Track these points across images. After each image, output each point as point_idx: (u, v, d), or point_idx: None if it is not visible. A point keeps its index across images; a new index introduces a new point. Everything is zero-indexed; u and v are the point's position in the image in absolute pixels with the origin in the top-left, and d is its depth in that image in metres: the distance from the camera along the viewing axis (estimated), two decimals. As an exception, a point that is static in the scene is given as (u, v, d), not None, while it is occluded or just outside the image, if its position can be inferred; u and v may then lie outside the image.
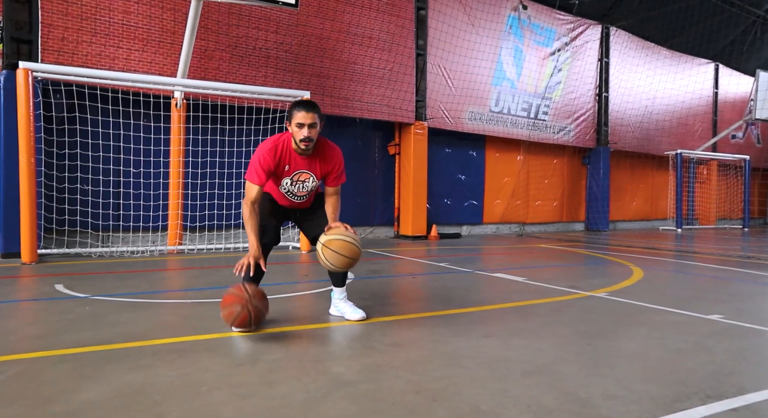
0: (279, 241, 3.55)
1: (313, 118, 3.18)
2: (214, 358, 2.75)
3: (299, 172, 3.33)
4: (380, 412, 2.09)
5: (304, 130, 3.17)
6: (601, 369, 2.67)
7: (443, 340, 3.17)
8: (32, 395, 2.20)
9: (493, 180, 13.26)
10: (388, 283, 5.39)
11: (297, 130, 3.20)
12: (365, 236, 11.11)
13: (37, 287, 4.89)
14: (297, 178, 3.36)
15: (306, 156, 3.32)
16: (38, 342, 3.01)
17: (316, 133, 3.22)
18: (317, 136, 3.26)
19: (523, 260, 7.68)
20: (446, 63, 11.41)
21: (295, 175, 3.34)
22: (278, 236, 3.49)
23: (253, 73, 8.66)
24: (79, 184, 7.39)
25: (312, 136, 3.19)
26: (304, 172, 3.34)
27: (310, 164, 3.33)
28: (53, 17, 7.16)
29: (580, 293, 4.88)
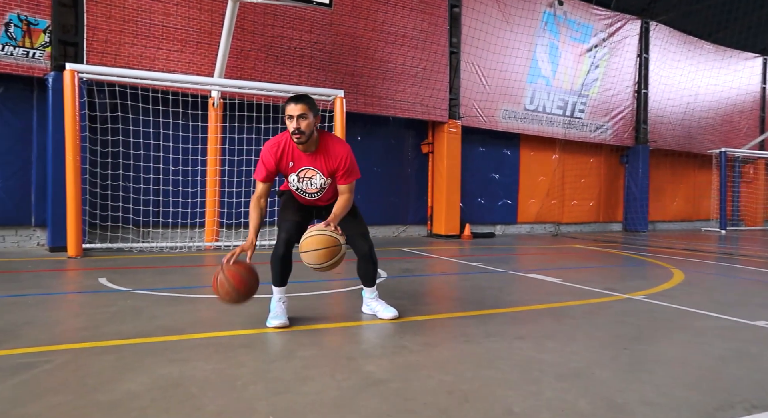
0: (298, 239, 3.52)
1: (302, 110, 3.12)
2: (250, 353, 2.81)
3: (304, 169, 3.31)
4: (412, 411, 2.10)
5: (293, 123, 3.14)
6: (639, 374, 2.61)
7: (475, 340, 3.16)
8: (78, 384, 2.29)
9: (528, 179, 13.09)
10: (420, 282, 5.39)
11: (288, 123, 3.19)
12: (398, 235, 11.12)
13: (82, 281, 5.07)
14: (303, 174, 3.34)
15: (310, 153, 3.28)
16: (83, 333, 3.13)
17: (308, 124, 3.14)
18: (311, 129, 3.17)
19: (558, 261, 7.56)
20: (480, 61, 11.31)
21: (301, 171, 3.32)
22: (299, 232, 3.42)
23: (287, 73, 8.76)
24: (122, 182, 7.63)
25: (302, 127, 3.13)
26: (309, 169, 3.31)
27: (314, 161, 3.29)
28: (97, 20, 7.40)
29: (617, 295, 4.77)
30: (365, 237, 3.53)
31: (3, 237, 7.52)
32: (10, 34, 7.08)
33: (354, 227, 3.50)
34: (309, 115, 3.14)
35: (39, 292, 4.39)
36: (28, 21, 7.18)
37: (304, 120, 3.13)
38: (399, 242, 9.79)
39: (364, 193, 10.47)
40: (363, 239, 3.50)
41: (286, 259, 3.42)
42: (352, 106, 9.41)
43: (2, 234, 7.51)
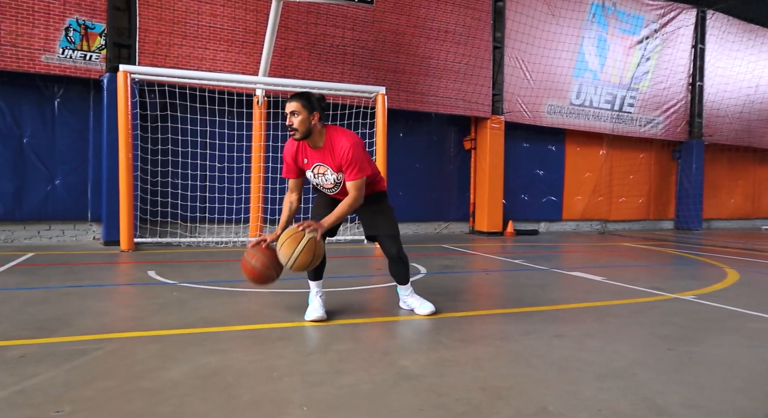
0: (332, 233, 3.55)
1: (294, 107, 3.15)
2: (287, 346, 2.87)
3: (316, 165, 3.33)
4: (444, 407, 2.10)
5: (287, 120, 3.20)
6: (683, 376, 2.52)
7: (513, 338, 3.12)
8: (124, 371, 2.40)
9: (574, 175, 12.77)
10: (460, 278, 5.36)
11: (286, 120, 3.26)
12: (440, 231, 11.08)
13: (133, 273, 5.29)
14: (316, 171, 3.36)
15: (317, 149, 3.29)
16: (131, 323, 3.27)
17: (301, 121, 3.16)
18: (305, 125, 3.17)
19: (603, 259, 7.36)
20: (524, 55, 11.10)
21: (314, 168, 3.35)
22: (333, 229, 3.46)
23: (330, 70, 8.85)
24: (170, 179, 7.90)
25: (294, 124, 3.16)
26: (320, 165, 3.32)
27: (322, 157, 3.29)
28: (149, 23, 7.68)
29: (664, 294, 4.61)
30: (393, 239, 3.50)
31: (62, 231, 7.92)
32: (70, 38, 7.43)
33: (384, 228, 3.49)
34: (302, 112, 3.15)
35: (92, 283, 4.61)
36: (85, 25, 7.52)
37: (296, 117, 3.16)
38: (440, 239, 9.75)
39: (406, 190, 10.49)
40: (391, 241, 3.49)
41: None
42: (394, 103, 9.42)
43: (62, 228, 7.91)
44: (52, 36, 7.29)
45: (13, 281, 4.60)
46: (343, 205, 3.26)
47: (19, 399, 2.03)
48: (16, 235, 7.65)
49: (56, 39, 7.32)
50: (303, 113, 3.15)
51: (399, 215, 10.54)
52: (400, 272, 3.63)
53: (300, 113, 3.15)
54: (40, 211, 7.69)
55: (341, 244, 8.29)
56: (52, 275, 4.96)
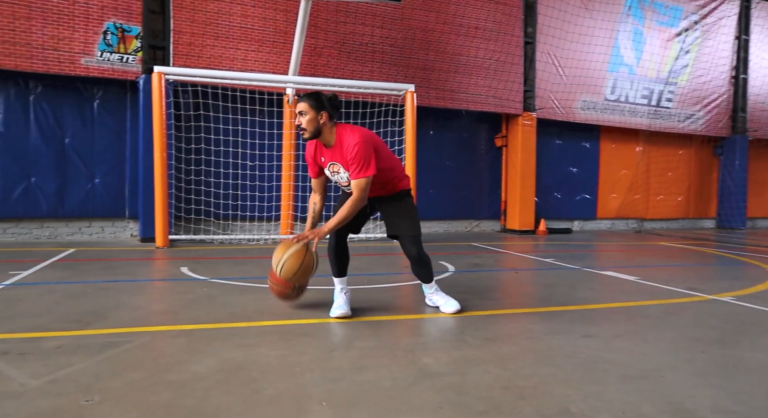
0: (355, 229, 3.61)
1: (302, 107, 3.20)
2: (311, 342, 2.90)
3: (331, 163, 3.36)
4: (463, 405, 2.09)
5: (296, 119, 3.26)
6: (715, 380, 2.44)
7: (539, 337, 3.08)
8: (152, 363, 2.47)
9: (609, 173, 12.48)
10: (488, 277, 5.31)
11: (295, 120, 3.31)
12: (470, 230, 11.00)
13: (167, 269, 5.42)
14: (332, 169, 3.38)
15: (330, 147, 3.32)
16: (161, 317, 3.35)
17: (308, 121, 3.19)
18: (313, 125, 3.21)
19: (638, 258, 7.18)
20: (557, 50, 10.91)
21: (329, 166, 3.38)
22: (351, 223, 3.49)
23: (359, 69, 8.88)
24: (204, 177, 8.07)
25: (302, 124, 3.22)
26: (333, 163, 3.34)
27: (334, 155, 3.32)
28: (182, 24, 7.85)
29: (700, 295, 4.47)
30: (414, 240, 3.47)
31: (102, 228, 8.18)
32: (107, 41, 7.66)
33: (405, 229, 3.47)
34: (309, 112, 3.19)
35: (128, 278, 4.75)
36: (122, 28, 7.74)
37: (303, 117, 3.20)
38: (471, 237, 9.68)
39: (436, 188, 10.45)
40: (411, 242, 3.47)
41: (339, 249, 3.51)
42: (423, 101, 9.39)
43: (101, 225, 8.17)
44: (91, 39, 7.53)
45: (55, 276, 4.78)
46: (345, 207, 3.25)
47: (52, 388, 2.11)
48: (59, 231, 7.95)
49: (95, 42, 7.56)
50: (310, 113, 3.20)
51: (429, 212, 10.60)
52: (422, 272, 3.62)
53: (307, 113, 3.20)
54: (81, 208, 7.97)
55: (371, 241, 8.32)
56: (91, 270, 5.13)
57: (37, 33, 7.20)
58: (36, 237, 7.81)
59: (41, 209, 7.75)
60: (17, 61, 7.14)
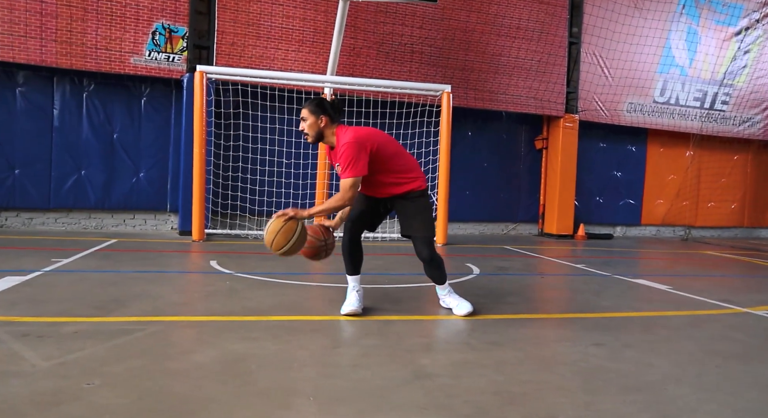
0: (371, 227, 3.65)
1: (303, 113, 3.36)
2: (316, 338, 2.95)
3: (337, 164, 3.43)
4: (449, 407, 2.09)
5: (300, 125, 3.40)
6: (721, 396, 2.35)
7: (546, 344, 3.03)
8: (157, 351, 2.58)
9: (655, 178, 12.02)
10: (512, 281, 5.23)
11: None
12: (507, 233, 10.84)
13: (196, 262, 5.62)
14: (337, 170, 3.46)
15: (333, 149, 3.44)
16: (179, 308, 3.49)
17: (309, 126, 3.34)
18: (315, 129, 3.34)
19: (676, 267, 6.91)
20: (603, 51, 10.60)
21: (336, 167, 3.45)
22: (363, 220, 3.58)
23: (397, 69, 8.91)
24: (241, 173, 8.29)
25: (304, 129, 3.37)
26: (338, 164, 3.41)
27: (334, 156, 3.45)
28: (226, 25, 8.10)
29: (733, 308, 4.28)
30: (425, 241, 3.46)
31: (144, 220, 8.54)
32: (155, 41, 7.98)
33: (417, 230, 3.47)
34: (309, 117, 3.33)
35: (158, 269, 4.96)
36: (170, 29, 8.05)
37: (304, 122, 3.36)
38: (506, 240, 9.55)
39: (472, 189, 10.36)
40: (423, 244, 3.46)
41: (352, 247, 3.54)
42: (461, 101, 9.32)
43: (144, 217, 8.54)
44: (140, 40, 7.87)
45: (92, 265, 5.04)
46: (329, 200, 3.38)
47: (60, 370, 2.25)
48: (105, 222, 8.35)
49: (144, 42, 7.89)
50: (310, 118, 3.34)
51: (464, 214, 10.55)
52: (434, 274, 3.62)
53: (308, 119, 3.36)
54: (126, 201, 8.34)
55: (394, 242, 8.34)
56: (126, 261, 5.38)
57: (91, 34, 7.58)
58: (84, 227, 8.23)
59: (90, 201, 8.16)
60: (72, 61, 7.54)
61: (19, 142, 7.86)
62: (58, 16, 7.42)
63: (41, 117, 7.94)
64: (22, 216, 8.03)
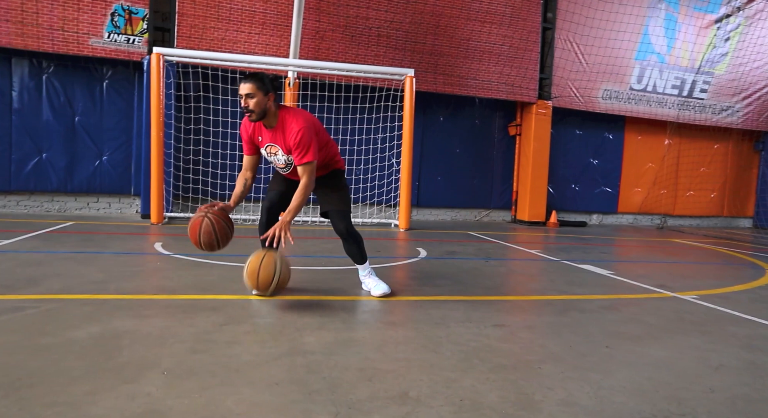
0: (282, 207, 3.55)
1: (249, 89, 3.15)
2: (212, 316, 2.93)
3: (269, 145, 3.35)
4: (302, 382, 2.08)
5: (242, 101, 3.20)
6: (590, 374, 2.34)
7: (446, 324, 3.02)
8: (37, 328, 2.56)
9: (633, 166, 11.97)
10: (455, 264, 5.21)
11: (240, 102, 3.23)
12: (480, 219, 10.82)
13: (141, 244, 5.59)
14: (268, 150, 3.38)
15: (271, 129, 3.30)
16: (91, 286, 3.47)
17: (256, 103, 3.16)
18: (261, 107, 3.18)
19: (633, 254, 6.89)
20: (578, 37, 10.50)
21: (267, 147, 3.37)
22: (281, 200, 3.52)
23: (364, 53, 8.82)
24: (202, 157, 8.24)
25: (250, 106, 3.17)
26: (272, 145, 3.34)
27: (274, 137, 3.30)
28: (186, 7, 8.00)
29: (662, 292, 4.27)
30: (342, 215, 3.47)
31: (109, 203, 8.52)
32: (115, 23, 7.89)
33: (334, 203, 3.47)
34: (257, 93, 3.16)
35: (96, 251, 4.93)
36: (129, 10, 7.96)
37: (251, 99, 3.17)
38: (476, 226, 9.53)
39: (445, 175, 10.33)
40: (340, 216, 3.46)
41: (269, 226, 3.50)
42: (430, 86, 9.26)
43: (108, 201, 8.50)
44: (99, 21, 7.77)
45: (29, 246, 5.02)
46: (298, 195, 3.26)
47: None
48: (68, 205, 8.32)
49: (103, 23, 7.80)
50: (258, 95, 3.17)
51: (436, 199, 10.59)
52: (352, 250, 3.60)
53: (255, 95, 3.16)
54: (89, 184, 8.30)
55: (368, 226, 8.32)
56: (69, 242, 5.36)
57: (46, 14, 7.49)
58: (46, 210, 8.20)
59: (51, 183, 8.12)
60: (27, 41, 7.46)
61: (-22, 124, 7.81)
62: (14, -4, 7.33)
63: None
64: (-17, 198, 8.01)
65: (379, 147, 9.04)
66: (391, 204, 8.97)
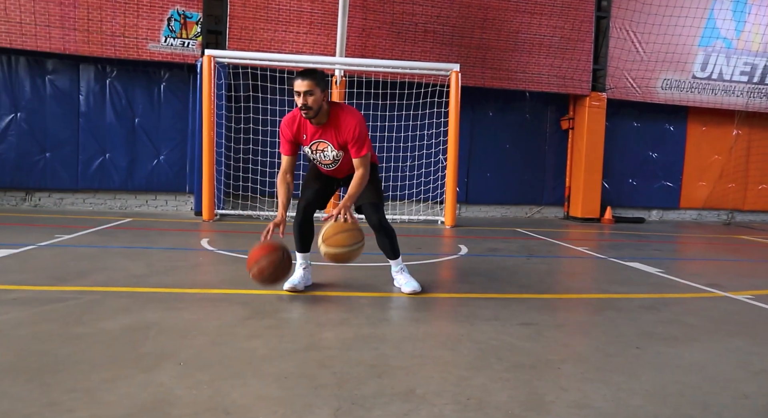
0: (322, 206, 3.64)
1: (308, 86, 3.12)
2: (239, 310, 3.01)
3: (316, 141, 3.36)
4: (310, 377, 2.10)
5: (299, 99, 3.17)
6: (616, 376, 2.23)
7: (471, 322, 2.97)
8: (75, 318, 2.72)
9: (696, 158, 11.32)
10: (493, 262, 5.11)
11: (296, 99, 3.20)
12: (531, 216, 10.56)
13: (189, 240, 5.82)
14: (315, 147, 3.39)
15: (320, 125, 3.30)
16: (132, 280, 3.65)
17: (315, 100, 3.15)
18: (318, 104, 3.17)
19: (691, 251, 6.53)
20: (635, 25, 10.03)
21: (313, 144, 3.38)
22: (319, 199, 3.58)
23: (410, 49, 8.79)
24: (251, 156, 8.47)
25: (308, 103, 3.14)
26: (320, 141, 3.34)
27: (324, 133, 3.31)
28: (237, 9, 8.24)
29: (713, 292, 4.02)
30: (375, 207, 3.49)
31: (166, 201, 8.92)
32: (171, 28, 8.24)
33: (367, 197, 3.49)
34: (316, 90, 3.16)
35: (146, 246, 5.18)
36: (184, 15, 8.29)
37: (310, 96, 3.15)
38: (526, 223, 9.31)
39: (494, 171, 10.16)
40: (373, 209, 3.48)
41: (305, 225, 3.56)
42: (478, 81, 9.12)
43: (165, 198, 8.91)
44: (157, 26, 8.14)
45: (86, 240, 5.34)
46: (355, 184, 3.32)
47: (-34, 331, 2.42)
48: (129, 203, 8.78)
49: (160, 29, 8.17)
50: (316, 92, 3.17)
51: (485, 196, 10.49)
52: (385, 244, 3.59)
53: (314, 92, 3.15)
54: (148, 182, 8.73)
55: (414, 224, 8.31)
56: (122, 238, 5.65)
57: (109, 21, 7.92)
58: (109, 207, 8.69)
59: (114, 182, 8.60)
60: (92, 48, 7.92)
61: (50, 127, 8.37)
62: (78, 6, 7.78)
63: (69, 102, 8.41)
64: (54, 196, 8.58)
65: (425, 144, 8.99)
66: (438, 201, 8.90)
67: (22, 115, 8.27)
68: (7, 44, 7.72)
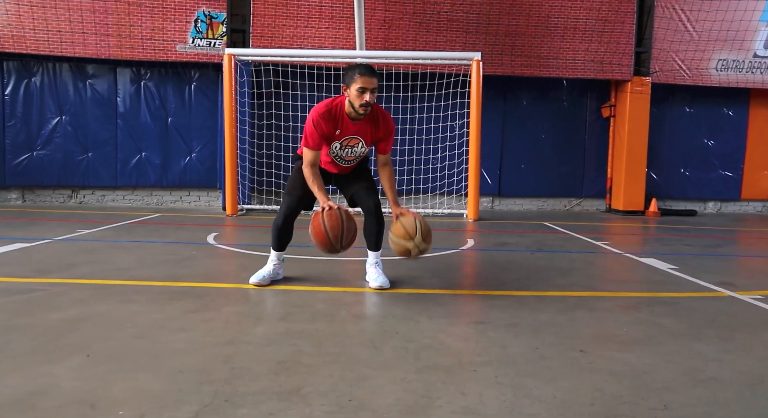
0: (307, 207, 3.58)
1: (376, 83, 3.15)
2: (192, 303, 3.04)
3: (349, 137, 3.32)
4: (203, 372, 2.07)
5: (366, 96, 3.12)
6: (528, 380, 2.06)
7: (415, 319, 2.84)
8: (25, 309, 2.83)
9: (761, 146, 10.39)
10: (494, 256, 4.91)
11: (357, 95, 3.13)
12: (570, 209, 10.10)
13: (197, 234, 5.95)
14: (347, 143, 3.35)
15: (358, 121, 3.28)
16: (110, 273, 3.76)
17: (373, 97, 3.17)
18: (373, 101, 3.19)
19: (729, 247, 6.00)
20: (683, 2, 9.32)
21: (345, 140, 3.33)
22: (302, 207, 3.53)
23: (434, 39, 8.59)
24: (275, 151, 8.59)
25: (372, 101, 3.16)
26: (354, 137, 3.32)
27: (360, 130, 3.29)
28: (259, 7, 8.36)
29: (718, 291, 3.67)
30: (372, 192, 3.49)
31: (198, 197, 9.23)
32: (198, 29, 8.49)
33: (362, 183, 3.49)
34: (377, 88, 3.20)
35: (153, 240, 5.36)
36: (210, 16, 8.51)
37: (374, 94, 3.17)
38: (562, 217, 8.91)
39: (529, 162, 9.79)
40: (369, 194, 3.47)
41: (284, 229, 3.51)
42: (507, 69, 8.80)
43: (198, 194, 9.22)
44: (184, 28, 8.41)
45: (99, 235, 5.59)
46: (391, 181, 3.53)
47: None
48: (164, 199, 9.15)
49: (187, 30, 8.43)
50: (377, 90, 3.21)
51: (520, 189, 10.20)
52: (372, 231, 3.51)
53: (376, 90, 3.20)
54: (181, 179, 9.06)
55: (438, 217, 8.15)
56: (137, 232, 5.88)
57: (139, 26, 8.26)
58: (146, 203, 9.10)
59: (149, 179, 8.98)
60: (125, 52, 8.29)
61: (91, 128, 8.85)
62: (109, 12, 8.16)
63: (107, 104, 8.85)
64: (96, 194, 9.08)
65: (449, 135, 8.78)
66: (463, 194, 8.68)
67: (66, 117, 8.79)
68: (50, 52, 8.21)
